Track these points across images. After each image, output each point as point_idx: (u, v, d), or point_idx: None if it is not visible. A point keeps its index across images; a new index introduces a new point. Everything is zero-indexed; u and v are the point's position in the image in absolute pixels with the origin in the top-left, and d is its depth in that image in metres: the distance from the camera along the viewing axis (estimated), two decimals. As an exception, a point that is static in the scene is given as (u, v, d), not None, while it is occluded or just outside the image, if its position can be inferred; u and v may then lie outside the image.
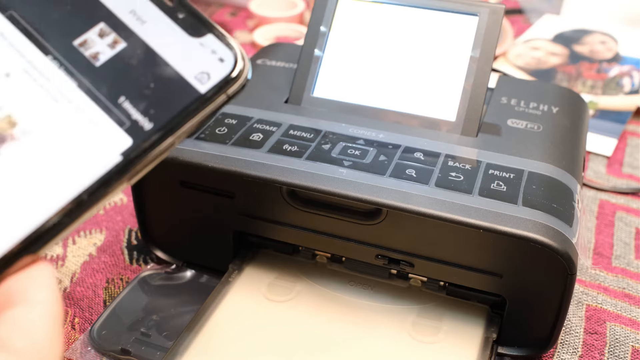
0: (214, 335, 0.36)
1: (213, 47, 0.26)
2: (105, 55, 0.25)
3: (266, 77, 0.46)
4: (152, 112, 0.24)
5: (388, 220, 0.35)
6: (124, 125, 0.24)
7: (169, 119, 0.24)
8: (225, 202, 0.38)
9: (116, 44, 0.25)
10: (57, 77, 0.25)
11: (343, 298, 0.39)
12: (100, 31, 0.25)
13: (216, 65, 0.25)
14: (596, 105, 0.63)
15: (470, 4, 0.41)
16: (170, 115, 0.24)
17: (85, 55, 0.25)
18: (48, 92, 0.25)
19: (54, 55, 0.25)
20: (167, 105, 0.25)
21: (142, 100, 0.25)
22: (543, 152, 0.38)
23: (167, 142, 0.24)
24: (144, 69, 0.25)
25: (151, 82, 0.25)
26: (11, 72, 0.25)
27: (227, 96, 0.26)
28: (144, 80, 0.25)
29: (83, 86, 0.25)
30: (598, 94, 0.65)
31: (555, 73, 0.69)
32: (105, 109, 0.24)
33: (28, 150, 0.24)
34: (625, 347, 0.39)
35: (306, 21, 0.78)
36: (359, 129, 0.39)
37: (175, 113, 0.25)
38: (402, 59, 0.42)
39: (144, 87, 0.25)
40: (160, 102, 0.25)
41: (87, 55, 0.25)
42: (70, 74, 0.25)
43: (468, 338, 0.36)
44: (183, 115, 0.25)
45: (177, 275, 0.42)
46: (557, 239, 0.32)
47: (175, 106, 0.25)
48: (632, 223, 0.49)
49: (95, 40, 0.25)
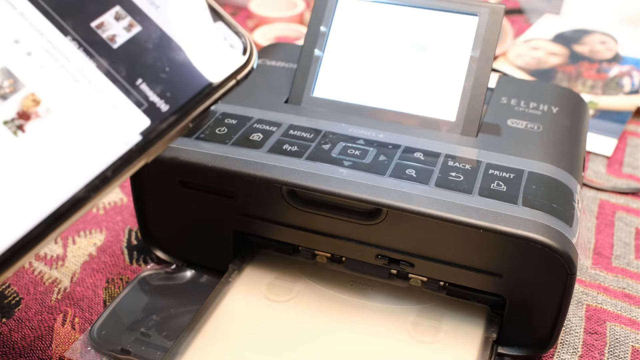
0: (214, 335, 0.36)
1: (224, 34, 0.27)
2: (121, 38, 0.26)
3: (266, 77, 0.46)
4: (168, 95, 0.25)
5: (388, 220, 0.35)
6: (142, 107, 0.25)
7: (184, 102, 0.25)
8: (225, 202, 0.38)
9: (132, 27, 0.26)
10: (76, 57, 0.25)
11: (343, 298, 0.39)
12: (116, 14, 0.26)
13: (227, 52, 0.26)
14: (596, 105, 0.63)
15: (470, 4, 0.41)
16: (185, 99, 0.26)
17: (102, 38, 0.26)
18: (69, 72, 0.25)
19: (73, 36, 0.26)
20: (181, 88, 0.26)
21: (159, 83, 0.26)
22: (543, 152, 0.38)
23: (182, 124, 0.26)
24: (159, 53, 0.26)
25: (166, 66, 0.26)
26: (32, 51, 0.25)
27: (237, 82, 0.27)
28: (159, 64, 0.26)
29: (102, 67, 0.26)
30: (598, 94, 0.65)
31: (555, 73, 0.69)
32: (124, 90, 0.25)
33: (53, 127, 0.25)
34: (625, 347, 0.39)
35: (306, 21, 0.78)
36: (359, 129, 0.39)
37: (189, 96, 0.26)
38: (402, 59, 0.42)
39: (160, 71, 0.26)
40: (175, 85, 0.26)
41: (104, 37, 0.26)
42: (90, 55, 0.26)
43: (468, 338, 0.36)
44: (196, 99, 0.26)
45: (177, 275, 0.42)
46: (557, 239, 0.32)
47: (190, 90, 0.26)
48: (632, 223, 0.49)
49: (112, 23, 0.26)
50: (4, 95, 0.24)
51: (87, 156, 0.24)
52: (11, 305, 0.41)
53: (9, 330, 0.39)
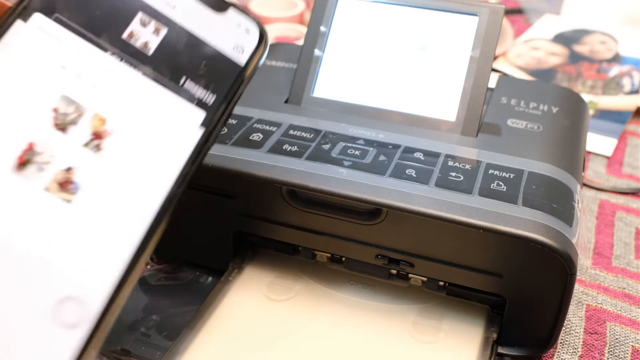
0: (214, 334, 0.36)
1: (237, 21, 0.28)
2: (153, 43, 0.27)
3: (266, 77, 0.46)
4: (211, 86, 0.27)
5: (388, 220, 0.35)
6: (194, 102, 0.27)
7: (227, 89, 0.28)
8: (225, 202, 0.38)
9: (159, 30, 0.27)
10: (122, 70, 0.27)
11: (343, 297, 0.39)
12: (141, 20, 0.27)
13: (245, 37, 0.28)
14: (596, 105, 0.63)
15: (470, 4, 0.41)
16: (227, 85, 0.28)
17: (136, 47, 0.27)
18: (120, 85, 0.26)
19: (112, 50, 0.27)
20: (220, 77, 0.28)
21: (200, 77, 0.28)
22: (543, 152, 0.38)
23: (229, 109, 0.28)
24: (190, 49, 0.28)
25: (201, 60, 0.28)
26: (81, 73, 0.26)
27: (256, 65, 0.29)
28: (194, 59, 0.28)
29: (148, 74, 0.27)
30: (598, 94, 0.65)
31: (555, 73, 0.69)
32: (174, 91, 0.27)
33: (126, 140, 0.26)
34: (625, 347, 0.39)
35: (306, 21, 0.78)
36: (359, 129, 0.39)
37: (230, 83, 0.28)
38: (402, 59, 0.42)
39: (197, 66, 0.28)
40: (213, 75, 0.28)
41: (138, 46, 0.27)
42: (133, 65, 0.27)
43: (468, 338, 0.36)
44: (235, 84, 0.28)
45: (177, 275, 0.42)
46: (557, 239, 0.32)
47: (228, 77, 0.28)
48: (632, 223, 0.49)
49: (140, 30, 0.27)
50: (74, 120, 0.25)
51: (165, 158, 0.26)
52: (11, 305, 0.41)
53: (9, 330, 0.39)
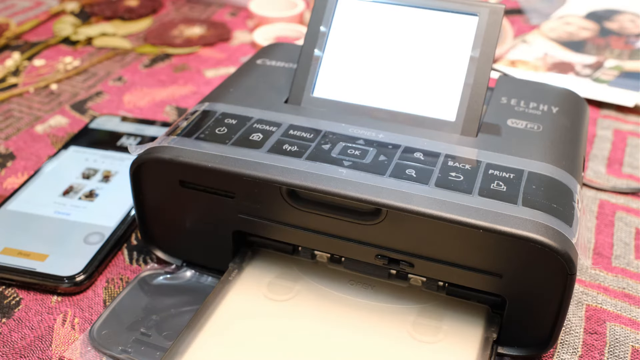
0: (214, 334, 0.36)
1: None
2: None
3: (266, 77, 0.46)
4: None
5: (388, 220, 0.35)
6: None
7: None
8: (225, 202, 0.38)
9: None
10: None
11: (343, 297, 0.39)
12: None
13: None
14: (622, 68, 0.68)
15: (470, 4, 0.41)
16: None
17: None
18: None
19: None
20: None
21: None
22: (543, 152, 0.38)
23: None
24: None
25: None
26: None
27: None
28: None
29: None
30: (624, 59, 0.70)
31: (585, 43, 0.74)
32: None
33: None
34: (625, 347, 0.39)
35: (306, 21, 0.78)
36: (359, 129, 0.39)
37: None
38: (402, 59, 0.42)
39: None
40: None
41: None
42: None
43: (468, 338, 0.36)
44: None
45: (177, 275, 0.42)
46: (557, 239, 0.32)
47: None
48: (632, 223, 0.49)
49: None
50: None
51: None
52: (11, 305, 0.41)
53: (9, 330, 0.39)
